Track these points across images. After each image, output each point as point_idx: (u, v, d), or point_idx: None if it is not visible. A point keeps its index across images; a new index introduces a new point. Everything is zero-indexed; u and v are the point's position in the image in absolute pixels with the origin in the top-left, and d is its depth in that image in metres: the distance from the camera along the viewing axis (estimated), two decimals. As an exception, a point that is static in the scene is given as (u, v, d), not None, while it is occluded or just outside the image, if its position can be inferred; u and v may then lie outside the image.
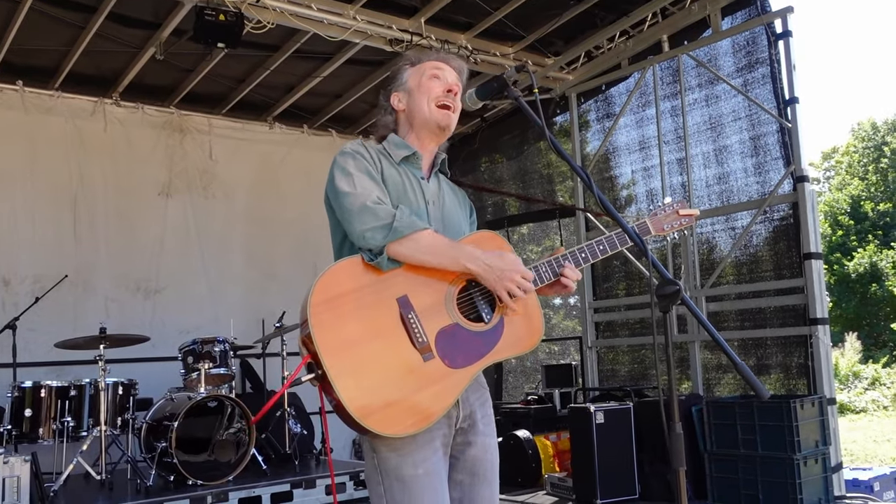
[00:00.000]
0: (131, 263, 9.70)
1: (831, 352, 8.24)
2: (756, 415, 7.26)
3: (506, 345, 2.93)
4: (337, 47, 9.02)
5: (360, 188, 2.90)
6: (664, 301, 2.64)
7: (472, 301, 2.94)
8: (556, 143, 2.92)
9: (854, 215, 37.46)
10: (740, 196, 8.76)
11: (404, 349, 2.76)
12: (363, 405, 2.65)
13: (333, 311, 2.72)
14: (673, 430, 2.55)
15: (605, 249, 3.18)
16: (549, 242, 11.55)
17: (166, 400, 7.61)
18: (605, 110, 10.18)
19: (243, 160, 10.71)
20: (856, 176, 40.47)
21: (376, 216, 2.82)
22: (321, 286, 2.75)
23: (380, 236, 2.79)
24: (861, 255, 34.28)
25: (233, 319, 8.83)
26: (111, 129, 9.78)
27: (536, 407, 9.67)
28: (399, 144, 3.16)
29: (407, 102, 3.20)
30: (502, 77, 3.03)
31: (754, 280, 8.64)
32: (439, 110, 3.13)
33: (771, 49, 8.36)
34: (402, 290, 2.83)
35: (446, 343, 2.81)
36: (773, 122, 8.38)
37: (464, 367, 2.83)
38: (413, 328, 2.78)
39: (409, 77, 3.21)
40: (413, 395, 2.72)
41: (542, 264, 3.07)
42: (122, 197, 9.74)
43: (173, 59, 8.89)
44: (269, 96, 10.49)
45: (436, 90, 3.15)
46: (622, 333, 9.97)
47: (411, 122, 3.20)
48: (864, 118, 53.73)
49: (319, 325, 2.69)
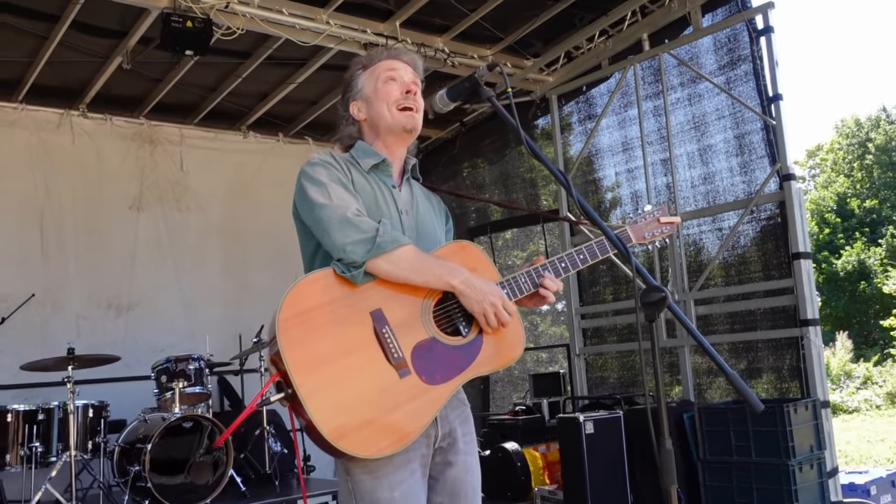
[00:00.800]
0: (102, 280, 9.53)
1: (823, 353, 8.17)
2: (749, 420, 7.16)
3: (485, 358, 2.86)
4: (310, 53, 8.92)
5: (336, 199, 2.83)
6: (650, 309, 2.56)
7: (449, 314, 2.86)
8: (532, 144, 2.84)
9: (840, 213, 37.71)
10: (726, 196, 8.70)
11: (379, 365, 2.68)
12: (337, 426, 2.56)
13: (303, 325, 2.64)
14: (663, 447, 2.47)
15: (585, 259, 3.12)
16: (534, 247, 11.46)
17: (139, 421, 7.48)
18: (586, 112, 10.10)
19: (217, 171, 10.57)
20: (841, 173, 40.83)
21: (359, 229, 2.75)
22: (290, 300, 2.66)
23: (362, 250, 2.71)
24: (849, 252, 34.49)
25: (209, 335, 8.70)
26: (79, 142, 9.62)
27: (524, 418, 9.50)
28: (367, 152, 3.08)
29: (367, 111, 3.13)
30: (473, 77, 2.97)
31: (743, 282, 8.55)
32: (401, 113, 3.06)
33: (753, 45, 8.31)
34: (376, 303, 2.76)
35: (423, 358, 2.74)
36: (758, 119, 8.32)
37: (442, 382, 2.75)
38: (388, 343, 2.70)
39: (364, 83, 3.14)
40: (389, 414, 2.63)
41: (521, 275, 2.99)
42: (91, 211, 9.58)
43: (141, 68, 8.75)
44: (242, 104, 10.36)
45: (394, 94, 3.08)
46: (610, 339, 9.87)
47: (375, 130, 3.12)
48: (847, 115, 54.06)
49: (288, 340, 2.60)
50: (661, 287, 2.56)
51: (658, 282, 8.97)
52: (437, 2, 8.40)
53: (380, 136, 3.10)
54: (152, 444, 6.89)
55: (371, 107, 3.09)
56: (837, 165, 41.47)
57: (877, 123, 41.33)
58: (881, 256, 33.53)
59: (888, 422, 17.33)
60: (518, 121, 2.82)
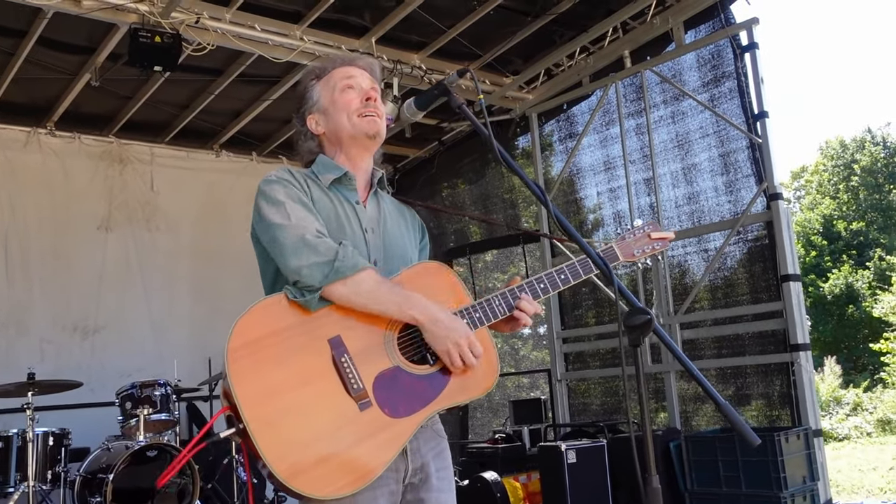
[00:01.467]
0: (68, 302, 9.40)
1: (815, 379, 8.04)
2: (739, 450, 7.05)
3: (456, 388, 2.70)
4: (284, 70, 8.82)
5: (294, 219, 2.69)
6: (634, 332, 2.42)
7: (415, 341, 2.70)
8: (506, 156, 2.72)
9: (827, 235, 37.82)
10: (712, 216, 8.64)
11: (337, 397, 2.52)
12: (290, 464, 2.40)
13: (254, 356, 2.50)
14: (649, 485, 2.35)
15: (567, 279, 2.96)
16: (515, 269, 11.36)
17: (102, 450, 7.29)
18: (567, 130, 10.05)
19: (188, 190, 10.45)
20: (827, 195, 41.00)
21: (316, 251, 2.61)
22: (240, 328, 2.53)
23: (319, 274, 2.58)
24: (836, 276, 34.50)
25: (177, 360, 8.52)
26: (46, 161, 9.51)
27: (504, 446, 9.27)
28: (328, 166, 2.94)
29: (326, 124, 2.99)
30: (443, 84, 2.82)
31: (730, 305, 8.46)
32: (362, 119, 2.91)
33: (737, 62, 8.29)
34: (334, 329, 2.60)
35: (386, 389, 2.58)
36: (743, 137, 8.28)
37: (406, 415, 2.59)
38: (347, 373, 2.55)
39: (321, 94, 3.01)
40: (348, 450, 2.48)
41: (496, 297, 2.85)
42: (58, 232, 9.46)
43: (110, 85, 8.67)
44: (214, 123, 10.26)
45: (353, 103, 2.94)
46: (593, 364, 9.78)
47: (337, 142, 2.98)
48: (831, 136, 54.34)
49: (238, 372, 2.47)
50: (645, 309, 2.42)
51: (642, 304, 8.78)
52: (414, 18, 8.32)
53: (342, 147, 2.96)
54: (115, 473, 6.72)
55: (330, 119, 2.96)
56: (823, 187, 41.65)
57: (862, 145, 41.52)
58: (869, 279, 33.53)
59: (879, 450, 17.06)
60: (491, 132, 2.71)
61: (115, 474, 6.72)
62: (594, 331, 9.66)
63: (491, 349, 2.79)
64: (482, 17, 8.38)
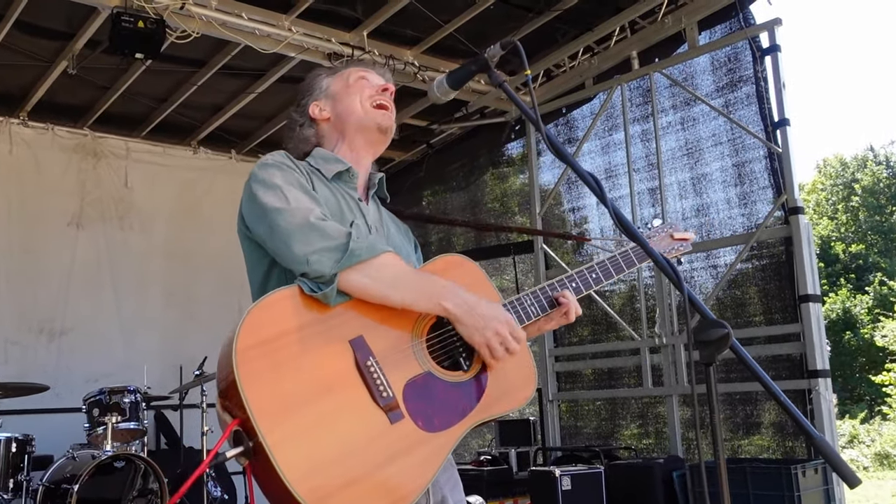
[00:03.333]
0: (35, 301, 9.29)
1: (834, 409, 7.87)
2: (750, 482, 6.87)
3: (493, 398, 2.48)
4: (270, 63, 8.75)
5: (294, 203, 2.46)
6: (708, 349, 2.24)
7: (446, 343, 2.49)
8: (555, 140, 2.46)
9: (824, 257, 37.73)
10: (723, 230, 8.52)
11: (364, 408, 2.28)
12: (314, 486, 2.13)
13: (268, 357, 2.22)
14: None
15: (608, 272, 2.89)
16: (499, 282, 11.25)
17: (67, 458, 7.14)
18: (566, 135, 9.95)
19: (163, 188, 10.36)
20: (824, 215, 40.90)
21: (325, 235, 2.37)
22: (250, 325, 2.24)
23: (330, 261, 2.33)
24: (833, 300, 34.33)
25: (147, 366, 8.40)
26: (17, 152, 9.41)
27: (490, 468, 9.15)
28: (329, 158, 2.76)
29: (332, 108, 2.83)
30: (483, 58, 2.56)
31: (741, 325, 8.27)
32: (376, 110, 2.77)
33: (756, 66, 8.17)
34: (356, 329, 2.36)
35: (417, 398, 2.35)
36: (760, 146, 8.16)
37: (442, 429, 2.36)
38: (374, 379, 2.30)
39: (331, 84, 2.88)
40: (380, 470, 2.23)
41: (526, 296, 2.68)
42: (26, 227, 9.36)
43: (88, 74, 8.58)
44: (193, 118, 10.18)
45: (368, 89, 2.80)
46: (587, 385, 9.64)
47: (342, 129, 2.81)
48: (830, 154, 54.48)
49: (251, 376, 2.17)
50: (721, 322, 2.22)
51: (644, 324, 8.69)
52: (409, 11, 8.25)
53: (346, 137, 2.80)
54: (80, 484, 6.56)
55: (339, 103, 2.81)
56: (820, 207, 41.58)
57: (864, 163, 41.52)
58: (868, 305, 33.38)
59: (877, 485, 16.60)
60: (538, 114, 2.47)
61: (80, 485, 6.57)
62: (590, 349, 9.55)
63: (525, 353, 2.60)
64: (481, 12, 8.30)
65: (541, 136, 2.39)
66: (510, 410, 2.53)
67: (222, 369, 2.26)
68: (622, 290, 9.32)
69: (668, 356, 8.47)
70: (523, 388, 2.57)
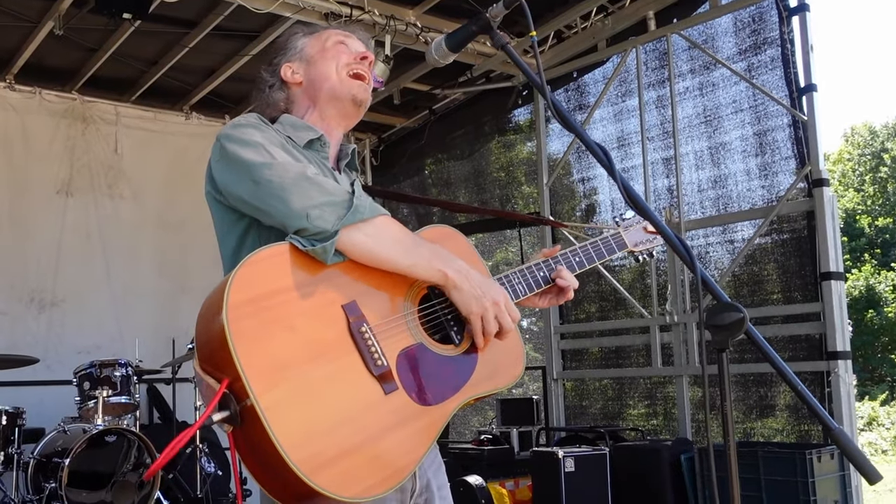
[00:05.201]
0: (24, 272, 9.36)
1: (853, 392, 7.79)
2: (762, 467, 6.75)
3: (484, 375, 2.46)
4: (265, 23, 8.70)
5: (281, 159, 2.39)
6: (721, 333, 2.20)
7: (436, 316, 2.47)
8: (561, 107, 2.39)
9: (848, 231, 37.26)
10: (741, 203, 8.31)
11: (358, 376, 2.24)
12: (310, 454, 2.07)
13: (259, 316, 2.15)
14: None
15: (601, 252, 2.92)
16: (504, 255, 11.27)
17: (58, 432, 7.24)
18: (576, 101, 9.81)
19: (155, 155, 10.38)
20: (850, 187, 40.34)
21: (323, 190, 2.31)
22: (241, 280, 2.17)
23: (333, 216, 2.26)
24: (856, 276, 33.90)
25: (139, 338, 8.46)
26: (4, 117, 9.46)
27: (491, 448, 9.13)
28: (298, 126, 2.66)
29: (305, 73, 2.74)
30: (485, 17, 2.47)
31: (757, 304, 8.12)
32: (352, 80, 2.70)
33: (783, 27, 7.89)
34: (349, 294, 2.32)
35: (410, 370, 2.32)
36: (784, 114, 7.94)
37: (435, 403, 2.34)
38: (369, 346, 2.26)
39: (307, 44, 2.79)
40: (375, 442, 2.20)
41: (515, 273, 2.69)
42: (14, 195, 9.41)
43: (75, 35, 8.57)
44: (185, 81, 10.17)
45: (344, 56, 2.73)
46: (593, 364, 9.63)
47: (313, 97, 2.72)
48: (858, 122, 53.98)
49: (241, 334, 2.10)
50: (736, 305, 2.20)
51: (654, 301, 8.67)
52: (411, -32, 8.21)
53: (317, 105, 2.71)
54: (71, 458, 6.66)
55: (313, 67, 2.74)
56: (846, 178, 40.97)
57: (895, 132, 41.05)
58: (894, 282, 33.01)
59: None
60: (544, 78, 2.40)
61: (72, 459, 6.67)
62: (597, 326, 9.49)
63: (516, 335, 2.58)
64: (488, -32, 8.24)
65: (546, 102, 2.36)
66: (501, 388, 2.53)
67: (207, 328, 2.19)
68: (632, 265, 9.21)
69: (679, 335, 8.39)
70: (513, 366, 2.56)
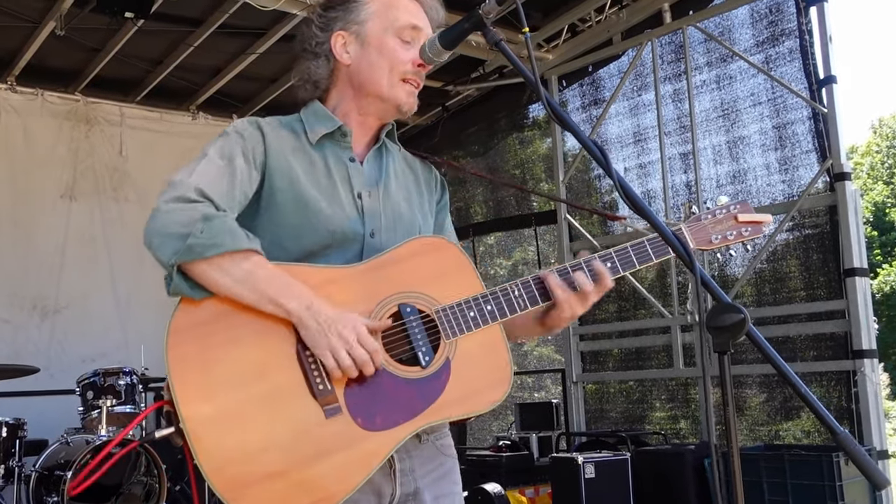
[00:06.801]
0: (26, 278, 9.37)
1: (881, 391, 7.72)
2: (788, 471, 6.75)
3: (452, 399, 2.39)
4: (272, 20, 8.72)
5: (196, 176, 2.37)
6: (722, 335, 2.14)
7: (407, 334, 2.41)
8: (557, 106, 2.38)
9: (878, 225, 37.22)
10: (761, 198, 8.32)
11: (298, 398, 2.26)
12: (231, 477, 2.16)
13: (202, 340, 2.25)
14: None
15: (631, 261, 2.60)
16: (522, 254, 11.20)
17: (61, 444, 7.23)
18: (592, 96, 9.81)
19: (161, 157, 10.32)
20: (879, 180, 40.27)
21: (175, 218, 2.29)
22: (186, 306, 2.28)
23: (169, 249, 2.25)
24: (887, 271, 33.90)
25: (144, 345, 8.42)
26: (5, 120, 9.48)
27: (509, 454, 9.09)
28: (320, 115, 2.62)
29: (357, 58, 2.60)
30: (477, 13, 2.40)
31: (780, 302, 8.14)
32: (404, 87, 2.59)
33: (800, 17, 7.93)
34: None
35: (361, 394, 2.30)
36: (804, 106, 7.96)
37: (384, 429, 2.30)
38: (311, 369, 2.27)
39: (372, 18, 2.61)
40: (305, 467, 2.21)
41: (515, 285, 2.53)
42: (16, 200, 9.43)
43: (77, 35, 8.58)
44: (191, 81, 10.19)
45: (405, 61, 2.58)
46: (613, 366, 9.58)
47: (357, 88, 2.62)
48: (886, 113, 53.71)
49: (179, 359, 2.22)
50: (737, 306, 2.14)
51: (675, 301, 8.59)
52: (419, -40, 8.14)
53: (357, 98, 2.62)
54: (74, 470, 6.64)
55: (367, 57, 2.59)
56: (875, 171, 40.95)
57: (925, 123, 40.93)
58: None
59: None
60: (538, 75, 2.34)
61: (74, 471, 6.64)
62: (617, 327, 9.46)
63: (502, 352, 2.49)
64: (498, -42, 8.19)
65: (541, 100, 2.30)
66: (472, 414, 2.43)
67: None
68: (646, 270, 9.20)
69: (701, 335, 8.37)
70: (492, 390, 2.45)
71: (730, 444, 2.23)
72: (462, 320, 2.44)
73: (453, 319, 2.43)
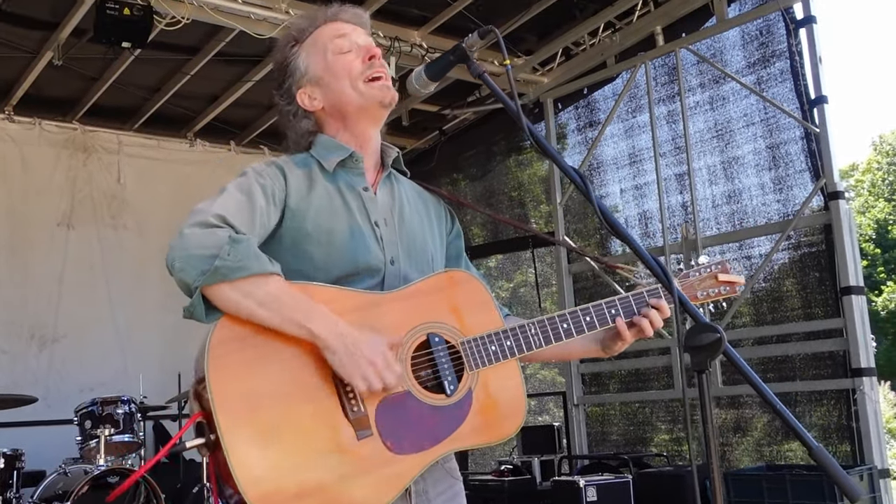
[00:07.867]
0: (24, 307, 9.41)
1: (881, 410, 7.73)
2: (789, 491, 6.76)
3: (471, 428, 2.48)
4: (267, 48, 8.71)
5: (217, 206, 2.41)
6: (699, 354, 2.24)
7: (434, 362, 2.49)
8: (537, 134, 2.46)
9: (880, 243, 37.12)
10: (756, 218, 8.40)
11: (332, 419, 2.31)
12: (266, 491, 2.18)
13: (243, 352, 2.28)
14: None
15: (613, 314, 2.92)
16: (522, 277, 11.23)
17: (59, 474, 7.19)
18: (587, 118, 9.90)
19: (159, 184, 10.41)
20: (881, 197, 40.17)
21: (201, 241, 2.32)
22: (229, 317, 2.30)
23: (195, 271, 2.28)
24: (891, 289, 33.82)
25: (143, 374, 8.44)
26: (3, 149, 9.54)
27: (512, 479, 9.06)
28: (330, 146, 2.70)
29: (323, 97, 2.70)
30: (461, 47, 2.55)
31: (778, 321, 8.19)
32: (371, 85, 2.67)
33: (790, 39, 8.04)
34: None
35: (391, 417, 2.37)
36: (796, 126, 8.05)
37: (412, 452, 2.37)
38: (348, 391, 2.32)
39: (308, 61, 2.73)
40: (338, 485, 2.26)
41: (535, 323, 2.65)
42: (14, 228, 9.48)
43: (75, 64, 8.69)
44: (188, 108, 10.25)
45: (354, 66, 2.68)
46: (613, 388, 9.60)
47: (342, 118, 2.71)
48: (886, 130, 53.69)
49: (220, 369, 2.23)
50: (713, 326, 2.23)
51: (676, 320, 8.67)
52: (415, -12, 8.26)
53: (347, 123, 2.71)
54: (72, 501, 6.62)
55: (328, 90, 2.70)
56: (876, 188, 40.85)
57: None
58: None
59: None
60: (519, 106, 2.45)
61: (73, 502, 6.64)
62: (615, 349, 9.44)
63: (518, 385, 2.59)
64: (492, -13, 8.30)
65: (521, 128, 2.40)
66: (490, 443, 2.57)
67: (199, 359, 2.30)
68: (647, 284, 9.21)
69: (680, 356, 8.38)
70: (507, 422, 2.55)
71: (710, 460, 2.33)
72: (484, 353, 2.54)
73: (476, 352, 2.53)
